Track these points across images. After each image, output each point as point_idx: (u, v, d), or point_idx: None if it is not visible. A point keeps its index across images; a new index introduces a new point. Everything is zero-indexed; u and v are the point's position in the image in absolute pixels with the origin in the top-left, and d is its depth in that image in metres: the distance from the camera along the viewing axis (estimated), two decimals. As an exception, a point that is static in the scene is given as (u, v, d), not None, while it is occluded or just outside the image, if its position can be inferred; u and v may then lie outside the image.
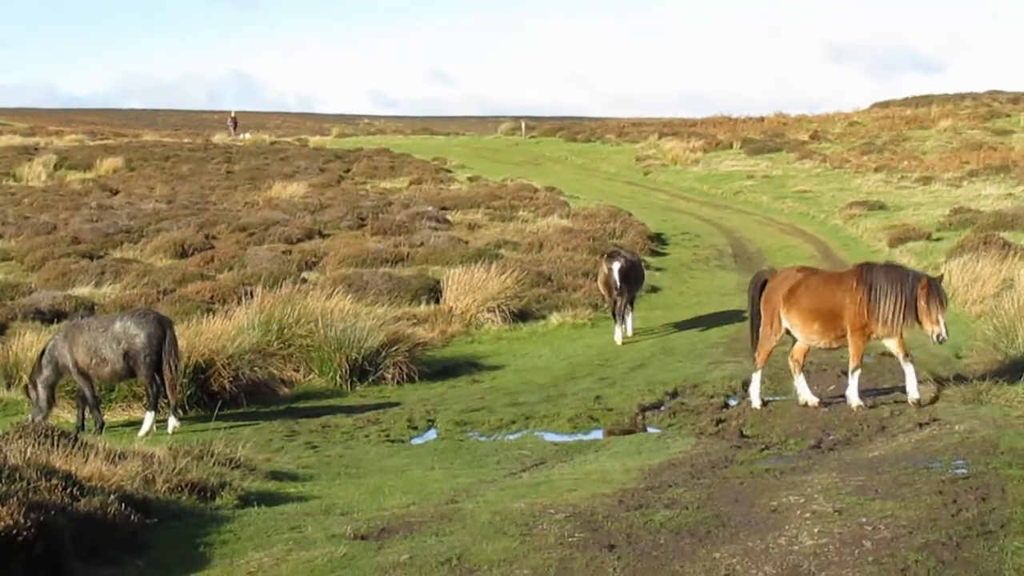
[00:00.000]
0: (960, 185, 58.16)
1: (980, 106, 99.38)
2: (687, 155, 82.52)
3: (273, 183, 64.64)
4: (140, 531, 12.24)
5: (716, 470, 14.58)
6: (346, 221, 47.79)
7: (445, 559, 11.01)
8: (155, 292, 32.25)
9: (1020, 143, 78.41)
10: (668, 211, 55.33)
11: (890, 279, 18.18)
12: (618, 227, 45.78)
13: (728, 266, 41.31)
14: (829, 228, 49.49)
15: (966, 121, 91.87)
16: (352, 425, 20.30)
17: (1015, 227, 40.52)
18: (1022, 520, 11.29)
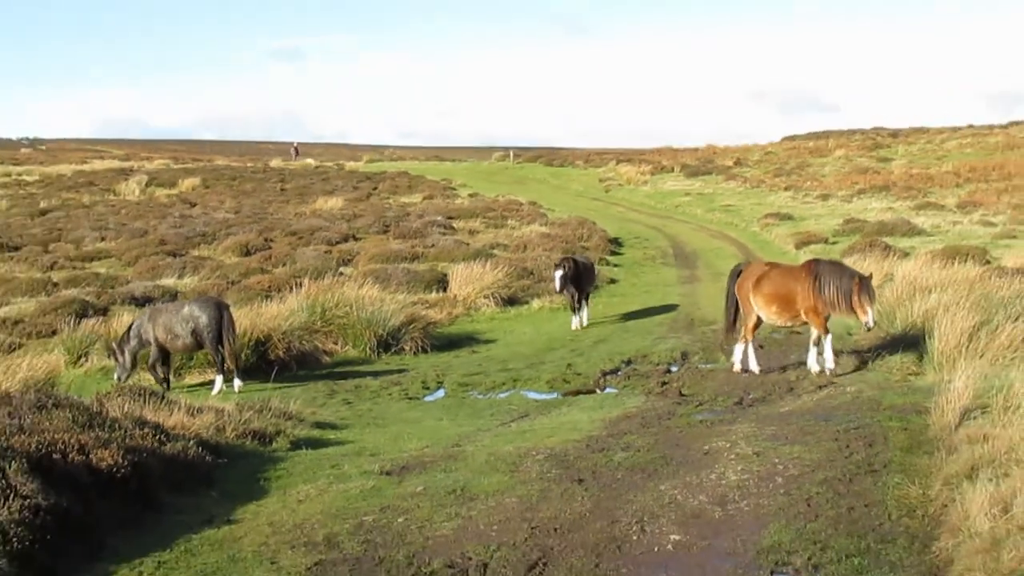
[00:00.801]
0: (851, 201, 58.15)
1: (867, 139, 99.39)
2: (638, 177, 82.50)
3: (317, 198, 64.64)
4: (214, 469, 12.28)
5: (661, 421, 14.58)
6: (374, 228, 47.73)
7: (451, 490, 11.05)
8: (225, 283, 32.25)
9: (898, 168, 78.42)
10: (624, 221, 55.28)
11: (833, 272, 17.91)
12: (585, 233, 45.76)
13: (670, 263, 41.26)
14: (749, 234, 49.46)
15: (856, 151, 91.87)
16: (379, 386, 20.30)
17: (894, 233, 40.67)
18: (900, 461, 11.31)
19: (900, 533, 9.23)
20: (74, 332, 23.39)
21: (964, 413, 12.27)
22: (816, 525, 9.49)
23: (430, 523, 10.08)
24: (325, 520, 10.33)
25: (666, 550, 9.18)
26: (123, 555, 9.42)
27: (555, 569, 8.87)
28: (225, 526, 10.34)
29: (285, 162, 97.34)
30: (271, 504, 11.12)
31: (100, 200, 65.95)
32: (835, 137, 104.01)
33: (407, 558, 9.20)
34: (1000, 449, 10.32)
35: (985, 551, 8.04)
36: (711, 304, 29.63)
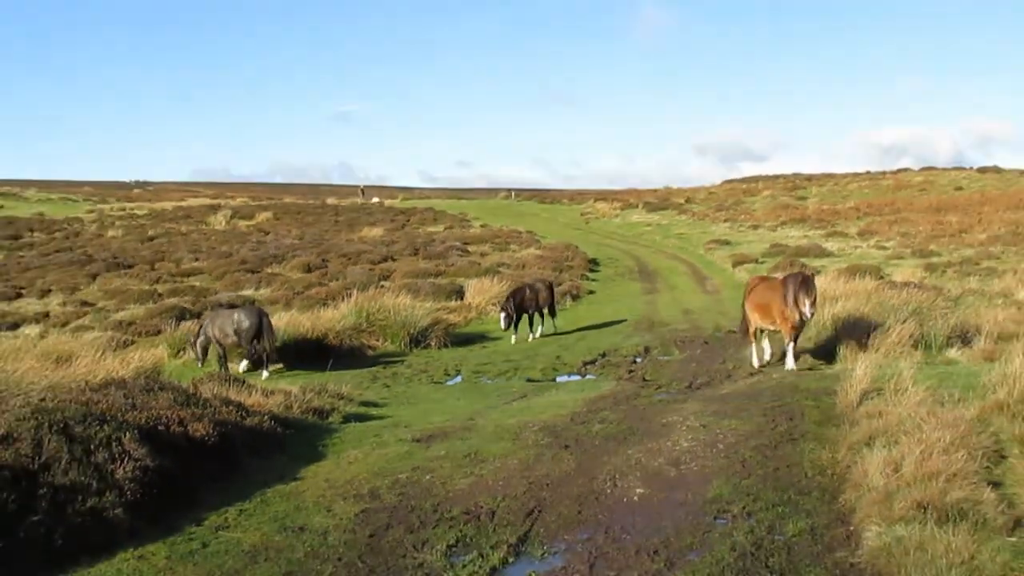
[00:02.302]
0: (776, 230, 58.11)
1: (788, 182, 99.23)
2: (611, 212, 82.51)
3: (363, 228, 64.74)
4: (283, 438, 12.27)
5: (629, 400, 14.55)
6: (407, 251, 47.75)
7: (467, 454, 11.03)
8: (291, 293, 32.24)
9: (812, 204, 78.35)
10: (599, 246, 55.25)
11: (795, 279, 16.75)
12: (570, 255, 45.73)
13: (635, 279, 41.22)
14: (696, 256, 49.43)
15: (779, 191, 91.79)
16: (411, 373, 20.29)
17: (808, 255, 40.69)
18: (814, 432, 11.29)
19: (814, 488, 9.22)
20: (174, 332, 23.45)
21: (864, 395, 12.25)
22: (749, 481, 9.48)
23: (451, 479, 10.08)
24: (369, 477, 10.33)
25: (633, 501, 9.18)
26: (213, 505, 9.43)
27: (547, 515, 8.87)
28: (292, 482, 10.34)
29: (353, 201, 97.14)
30: (327, 465, 11.12)
31: (195, 229, 65.95)
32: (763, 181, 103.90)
33: (433, 507, 9.21)
34: (892, 422, 10.32)
35: (880, 501, 8.03)
36: (667, 310, 29.66)
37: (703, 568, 7.42)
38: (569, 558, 7.87)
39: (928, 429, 9.58)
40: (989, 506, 7.71)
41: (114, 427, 9.51)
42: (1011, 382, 11.34)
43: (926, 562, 6.84)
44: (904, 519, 7.57)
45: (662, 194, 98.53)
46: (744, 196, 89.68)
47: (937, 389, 12.02)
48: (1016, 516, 7.63)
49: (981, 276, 30.49)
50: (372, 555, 8.09)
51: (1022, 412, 10.17)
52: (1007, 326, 18.02)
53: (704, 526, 8.37)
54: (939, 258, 37.47)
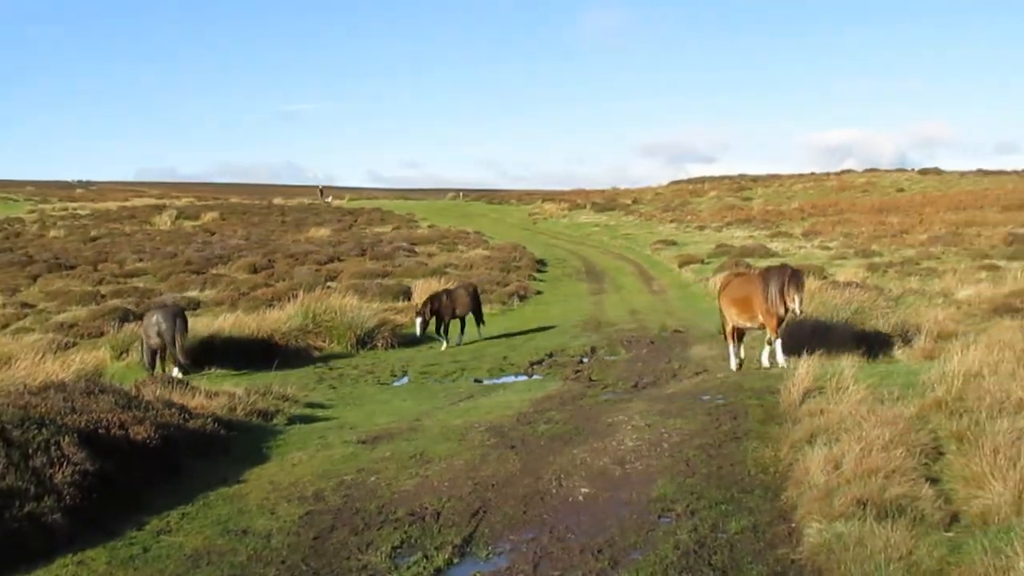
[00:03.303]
0: (721, 230, 58.58)
1: (734, 183, 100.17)
2: (559, 212, 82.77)
3: (310, 228, 64.39)
4: (227, 441, 12.19)
5: (575, 400, 14.59)
6: (354, 251, 47.57)
7: (412, 454, 11.02)
8: (237, 294, 32.03)
9: (757, 205, 79.16)
10: (547, 246, 55.39)
11: (776, 274, 16.03)
12: (517, 255, 45.81)
13: (583, 279, 41.38)
14: (643, 256, 49.71)
15: (725, 192, 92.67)
16: (357, 374, 20.19)
17: (753, 255, 41.05)
18: (757, 430, 11.39)
19: (757, 485, 9.29)
20: (117, 333, 23.18)
21: (806, 393, 12.38)
22: (693, 480, 9.53)
23: (396, 480, 10.05)
24: (314, 479, 10.27)
25: (578, 500, 9.20)
26: (154, 508, 9.33)
27: (492, 516, 8.87)
28: (235, 485, 10.26)
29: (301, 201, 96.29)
30: (271, 467, 11.04)
31: (139, 230, 65.19)
32: (710, 182, 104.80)
33: (378, 508, 9.17)
34: (833, 420, 10.44)
35: (821, 498, 8.12)
36: (614, 311, 29.79)
37: (647, 567, 7.45)
38: (514, 558, 7.88)
39: (868, 427, 9.71)
40: (927, 502, 7.82)
41: (53, 431, 9.39)
42: (949, 380, 11.53)
43: (865, 558, 6.92)
44: (844, 516, 7.65)
45: (609, 195, 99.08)
46: (691, 197, 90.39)
47: (878, 387, 12.18)
48: (953, 511, 7.75)
49: (922, 276, 30.96)
50: (316, 557, 8.04)
51: (960, 409, 10.33)
52: (946, 325, 18.32)
53: (648, 525, 8.40)
54: (881, 258, 37.96)
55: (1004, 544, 6.63)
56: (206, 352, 21.20)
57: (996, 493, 7.57)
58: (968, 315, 20.91)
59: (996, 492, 7.58)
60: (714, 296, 31.07)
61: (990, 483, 7.72)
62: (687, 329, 24.32)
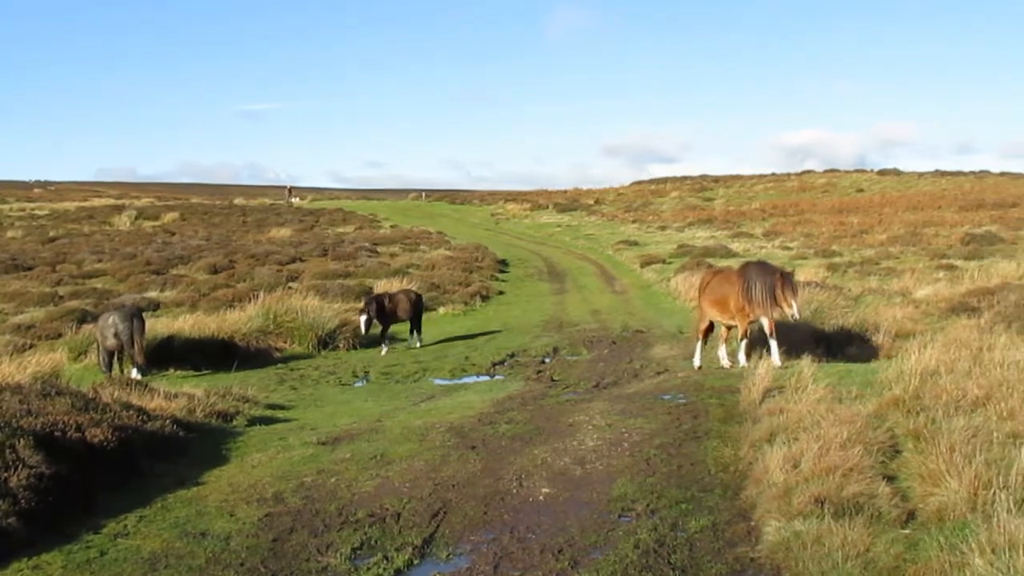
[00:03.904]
0: (683, 231, 58.85)
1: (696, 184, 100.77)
2: (521, 212, 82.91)
3: (271, 228, 64.09)
4: (185, 442, 12.07)
5: (537, 400, 14.60)
6: (316, 252, 47.34)
7: (373, 455, 10.97)
8: (198, 295, 31.78)
9: (719, 206, 79.63)
10: (510, 246, 55.41)
11: (760, 273, 15.69)
12: (479, 255, 45.79)
13: (545, 279, 41.44)
14: (605, 256, 49.86)
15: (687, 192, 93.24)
16: (318, 375, 20.14)
17: (715, 255, 41.25)
18: (717, 430, 11.44)
19: (717, 484, 9.34)
20: (75, 335, 23.02)
21: (766, 392, 12.46)
22: (654, 479, 9.56)
23: (356, 482, 10.01)
24: (273, 481, 10.21)
25: (539, 500, 9.20)
26: (111, 511, 9.22)
27: (453, 516, 8.85)
28: (194, 487, 10.17)
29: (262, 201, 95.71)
30: (231, 469, 10.96)
31: (98, 230, 64.63)
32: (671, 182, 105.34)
33: (338, 509, 9.13)
34: (792, 419, 10.50)
35: (780, 497, 8.16)
36: (576, 311, 29.86)
37: (607, 566, 7.46)
38: (474, 559, 7.86)
39: (826, 425, 9.78)
40: (884, 499, 7.88)
41: (8, 433, 9.26)
42: (907, 379, 11.64)
43: (823, 555, 6.96)
44: (802, 514, 7.69)
45: (572, 195, 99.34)
46: (652, 197, 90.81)
47: (836, 386, 12.28)
48: (910, 509, 7.81)
49: (881, 276, 31.25)
50: (275, 559, 7.99)
51: (917, 408, 10.42)
52: (905, 324, 18.50)
53: (608, 524, 8.41)
54: (841, 258, 38.28)
55: (959, 541, 6.70)
56: (165, 353, 21.07)
57: (952, 490, 7.63)
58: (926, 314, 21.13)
59: (952, 489, 7.64)
60: (675, 296, 31.39)
61: (946, 480, 7.79)
62: (648, 329, 24.42)
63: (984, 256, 35.30)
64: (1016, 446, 8.31)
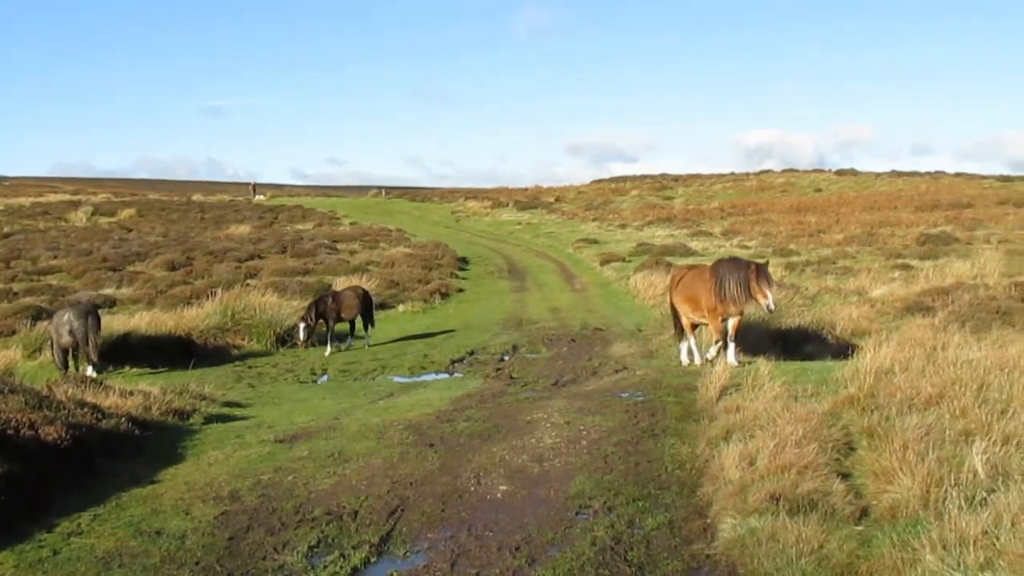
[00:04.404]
0: (643, 229, 59.03)
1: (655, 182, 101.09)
2: (482, 210, 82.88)
3: (230, 225, 63.64)
4: (141, 441, 11.98)
5: (495, 398, 14.61)
6: (275, 249, 47.07)
7: (330, 453, 10.94)
8: (155, 292, 31.51)
9: (678, 204, 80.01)
10: (470, 244, 55.37)
11: (732, 269, 15.29)
12: (440, 253, 45.71)
13: (505, 276, 41.45)
14: (565, 254, 49.93)
15: (647, 191, 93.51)
16: (276, 373, 20.06)
17: (674, 254, 41.38)
18: (675, 427, 11.49)
19: (674, 482, 9.38)
20: (30, 332, 22.79)
21: (723, 390, 12.53)
22: (611, 477, 9.59)
23: (313, 480, 9.97)
24: (230, 479, 10.15)
25: (496, 498, 9.20)
26: (65, 510, 9.13)
27: (411, 514, 8.83)
28: (149, 485, 10.09)
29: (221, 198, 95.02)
30: (187, 467, 10.89)
31: (53, 226, 63.86)
32: (632, 181, 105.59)
33: (295, 507, 9.09)
34: (749, 417, 10.57)
35: (736, 494, 8.22)
36: (536, 309, 29.90)
37: (563, 563, 7.48)
38: (432, 556, 7.85)
39: (782, 423, 9.85)
40: (838, 496, 7.96)
41: (-41, 431, 9.16)
42: (862, 377, 11.75)
43: (777, 552, 7.01)
44: (758, 511, 7.75)
45: (532, 193, 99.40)
46: (613, 196, 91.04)
47: (792, 384, 12.37)
48: (863, 505, 7.89)
49: (837, 275, 31.48)
50: (231, 558, 7.94)
51: (871, 406, 10.52)
52: (860, 323, 18.68)
53: (566, 522, 8.43)
54: (798, 257, 38.54)
55: (912, 537, 6.77)
56: (122, 351, 20.92)
57: (905, 487, 7.72)
58: (881, 313, 21.33)
59: (905, 486, 7.73)
60: (634, 294, 31.51)
61: (899, 477, 7.87)
62: (608, 327, 24.50)
63: (939, 256, 35.66)
64: (968, 444, 8.40)
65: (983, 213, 56.21)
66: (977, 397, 10.00)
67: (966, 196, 67.52)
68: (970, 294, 21.13)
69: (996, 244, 39.41)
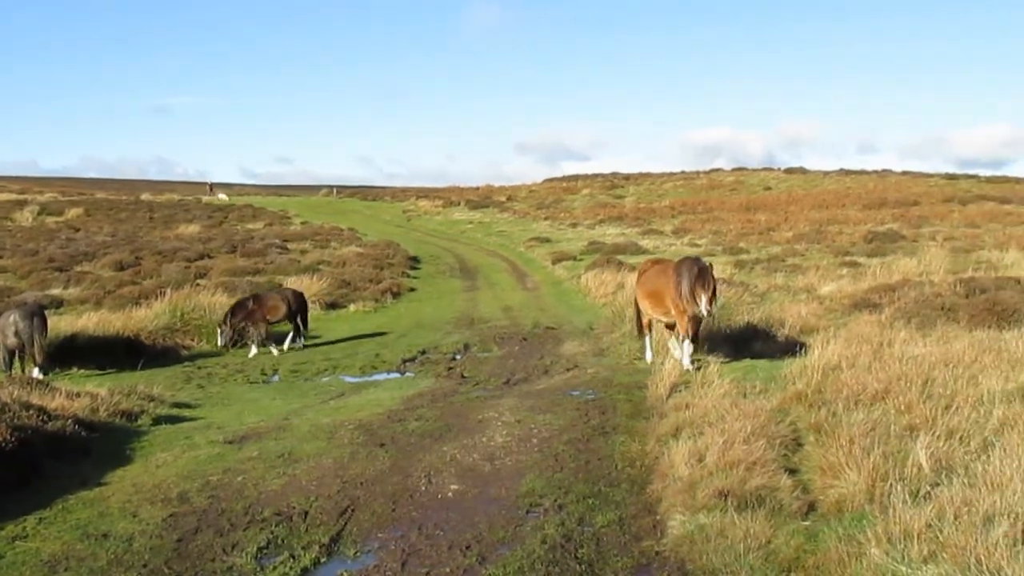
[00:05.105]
0: (594, 228, 59.23)
1: (607, 181, 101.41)
2: (433, 209, 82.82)
3: (179, 225, 63.03)
4: (88, 443, 11.83)
5: (446, 397, 14.61)
6: (225, 248, 46.69)
7: (280, 454, 10.89)
8: (103, 292, 31.11)
9: (629, 203, 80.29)
10: (421, 243, 55.27)
11: (689, 268, 14.61)
12: (391, 252, 45.58)
13: (456, 276, 41.41)
14: (517, 253, 49.99)
15: (598, 190, 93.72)
16: (226, 373, 19.90)
17: (625, 252, 41.56)
18: (625, 425, 11.58)
19: (624, 479, 9.44)
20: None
21: (672, 388, 12.64)
22: (562, 475, 9.63)
23: (263, 480, 9.92)
24: (178, 480, 10.07)
25: (447, 497, 9.21)
26: (10, 513, 9.01)
27: (361, 514, 8.81)
28: (96, 488, 9.99)
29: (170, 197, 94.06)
30: (135, 469, 10.79)
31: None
32: (583, 180, 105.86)
33: (244, 508, 9.04)
34: (698, 414, 10.67)
35: (685, 491, 8.29)
36: (487, 308, 29.90)
37: (514, 561, 7.50)
38: (382, 556, 7.84)
39: (731, 420, 9.96)
40: (786, 492, 8.05)
41: (-100, 435, 9.01)
42: (809, 374, 11.91)
43: (726, 547, 7.09)
44: (707, 507, 7.83)
45: (484, 192, 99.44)
46: (564, 195, 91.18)
47: (741, 381, 12.50)
48: (810, 500, 7.99)
49: (787, 273, 31.70)
50: (179, 560, 7.88)
51: (819, 402, 10.66)
52: (809, 320, 18.80)
53: (516, 520, 8.46)
54: (748, 255, 38.83)
55: (857, 531, 6.88)
56: (69, 352, 20.64)
57: (851, 482, 7.82)
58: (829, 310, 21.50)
59: (851, 481, 7.83)
60: (586, 292, 31.62)
61: (846, 472, 7.98)
62: (559, 326, 24.56)
63: (886, 253, 36.07)
64: (912, 439, 8.54)
65: (929, 211, 57.04)
66: (922, 392, 10.16)
67: (912, 194, 68.45)
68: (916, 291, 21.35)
69: (942, 241, 39.96)
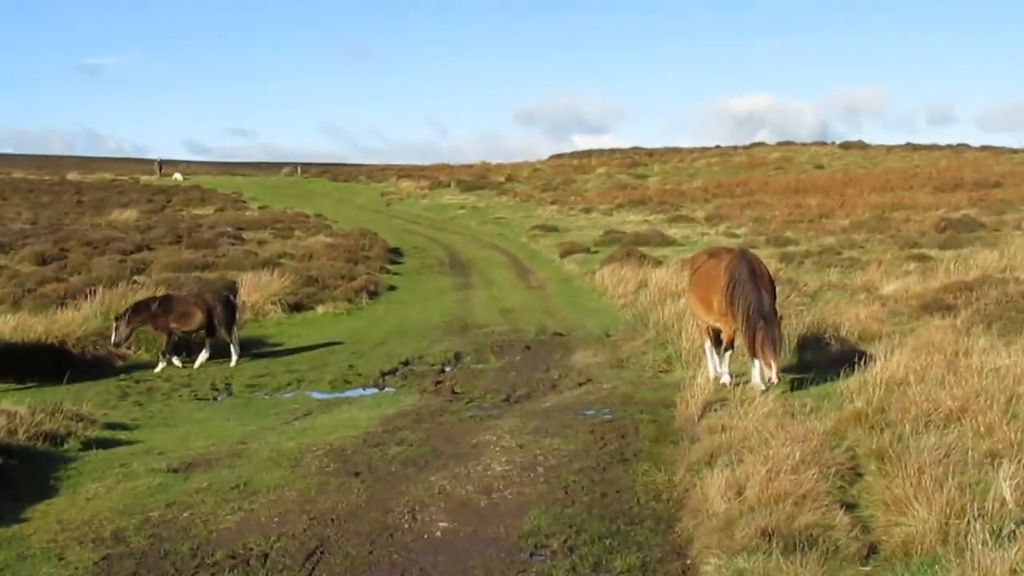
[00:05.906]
0: (611, 214, 59.26)
1: (626, 158, 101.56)
2: (418, 191, 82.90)
3: (112, 210, 63.08)
4: (5, 470, 11.81)
5: (434, 417, 14.62)
6: (167, 238, 46.77)
7: (235, 485, 10.91)
8: (21, 290, 31.13)
9: (653, 184, 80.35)
10: (404, 232, 55.34)
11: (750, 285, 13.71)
12: (367, 243, 45.63)
13: (446, 272, 41.47)
14: (518, 244, 50.05)
15: (616, 168, 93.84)
16: (170, 388, 19.91)
17: (649, 243, 41.55)
18: (648, 451, 11.59)
19: (647, 516, 9.45)
20: None
21: (706, 406, 12.63)
22: (572, 510, 9.65)
23: (214, 517, 9.93)
24: (113, 516, 10.09)
25: (435, 537, 9.22)
26: (-90, 555, 9.05)
27: (332, 557, 8.83)
28: (14, 525, 10.00)
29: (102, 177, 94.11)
30: (61, 503, 10.81)
31: None
32: (597, 156, 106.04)
33: (191, 550, 9.05)
34: (736, 438, 10.66)
35: (721, 530, 8.29)
36: (483, 310, 29.93)
37: (516, 614, 7.52)
38: (357, 608, 7.86)
39: (776, 445, 9.93)
40: (841, 531, 8.04)
41: None
42: (870, 389, 11.88)
43: (770, 598, 7.10)
44: (747, 549, 7.82)
45: (479, 171, 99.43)
46: (575, 174, 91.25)
47: (788, 398, 12.49)
48: (871, 541, 7.99)
49: (842, 268, 31.71)
50: (114, 612, 7.91)
51: (881, 423, 10.65)
52: (869, 325, 18.81)
53: (518, 565, 8.46)
54: (796, 247, 38.83)
55: (927, 578, 6.88)
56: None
57: (920, 519, 7.82)
58: (894, 313, 21.52)
59: (920, 518, 7.83)
60: (602, 292, 31.67)
61: (913, 508, 7.97)
62: (569, 332, 24.57)
63: (962, 245, 36.07)
64: (994, 467, 8.53)
65: (1014, 193, 56.89)
66: (1006, 412, 10.16)
67: (994, 173, 68.50)
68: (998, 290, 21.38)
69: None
